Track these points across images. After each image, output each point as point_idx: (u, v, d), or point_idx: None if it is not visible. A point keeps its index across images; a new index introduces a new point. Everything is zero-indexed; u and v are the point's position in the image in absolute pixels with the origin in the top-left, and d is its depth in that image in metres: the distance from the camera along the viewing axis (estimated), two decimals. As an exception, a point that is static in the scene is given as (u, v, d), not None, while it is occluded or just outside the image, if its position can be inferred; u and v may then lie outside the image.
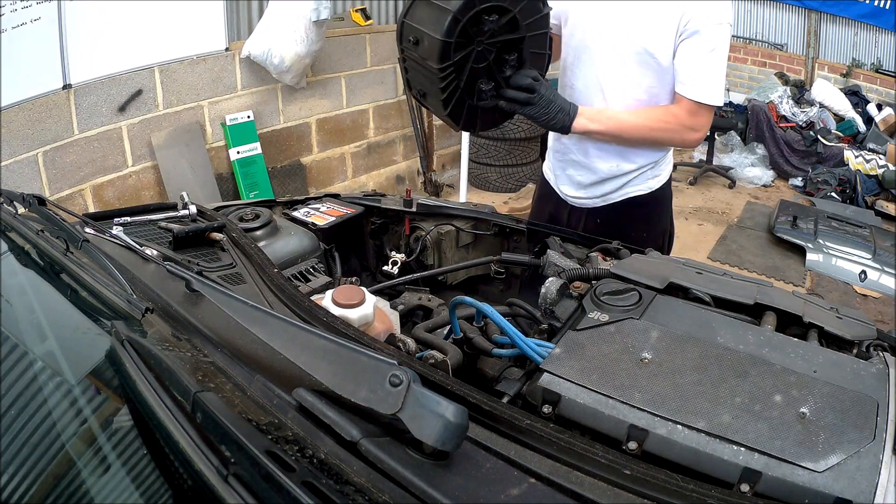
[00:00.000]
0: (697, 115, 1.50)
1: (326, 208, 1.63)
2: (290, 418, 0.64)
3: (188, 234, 1.20)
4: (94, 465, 0.69)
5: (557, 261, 1.30)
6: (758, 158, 5.49)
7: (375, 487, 0.55)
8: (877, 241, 3.91)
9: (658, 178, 1.66)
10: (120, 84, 3.14)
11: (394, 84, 4.55)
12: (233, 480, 0.53)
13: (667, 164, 1.69)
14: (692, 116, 1.50)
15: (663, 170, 1.68)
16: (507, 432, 0.68)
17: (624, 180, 1.64)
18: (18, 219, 1.09)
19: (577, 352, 0.86)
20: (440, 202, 1.79)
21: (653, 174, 1.65)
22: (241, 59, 3.59)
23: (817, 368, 0.83)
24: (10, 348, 0.86)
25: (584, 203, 1.71)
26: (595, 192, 1.68)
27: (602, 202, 1.68)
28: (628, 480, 0.62)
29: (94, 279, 0.88)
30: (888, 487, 0.65)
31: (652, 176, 1.65)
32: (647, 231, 1.67)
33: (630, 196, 1.65)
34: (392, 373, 0.58)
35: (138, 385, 0.66)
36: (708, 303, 1.04)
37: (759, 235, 4.28)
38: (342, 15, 4.23)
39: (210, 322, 0.83)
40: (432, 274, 1.56)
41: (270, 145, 3.87)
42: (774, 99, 5.70)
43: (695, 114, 1.50)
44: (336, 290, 1.00)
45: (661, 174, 1.67)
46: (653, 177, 1.65)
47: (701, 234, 4.31)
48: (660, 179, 1.67)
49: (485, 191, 4.85)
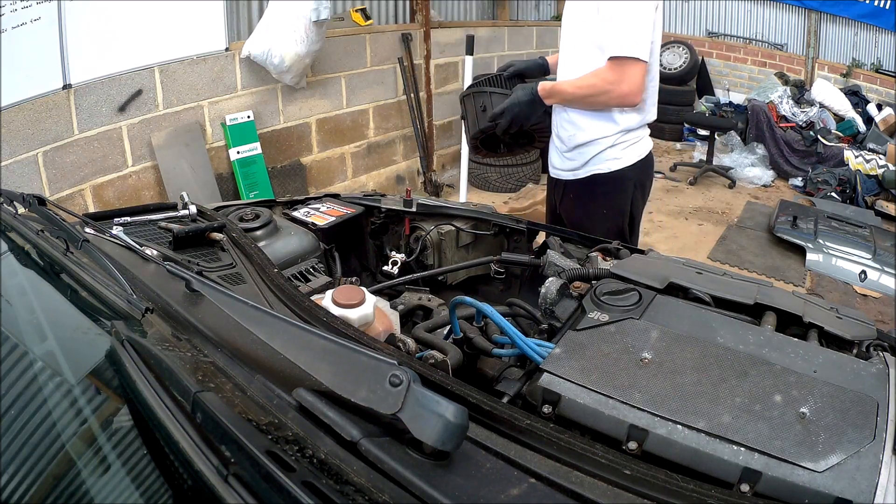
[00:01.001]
0: (618, 70, 1.67)
1: (326, 208, 1.63)
2: (290, 418, 0.63)
3: (188, 234, 1.20)
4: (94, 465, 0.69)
5: (557, 261, 1.30)
6: (758, 158, 5.49)
7: (375, 487, 0.55)
8: (877, 241, 3.91)
9: (618, 161, 1.84)
10: (120, 84, 3.14)
11: (394, 84, 4.55)
12: (233, 480, 0.53)
13: (629, 150, 1.84)
14: (612, 71, 1.68)
15: (624, 154, 1.84)
16: (507, 432, 0.68)
17: (587, 157, 1.85)
18: (18, 219, 1.09)
19: (577, 352, 0.86)
20: (440, 202, 1.79)
21: (613, 155, 1.83)
22: (241, 59, 3.59)
23: (817, 368, 0.83)
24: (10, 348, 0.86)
25: (560, 175, 1.95)
26: (567, 165, 1.91)
27: (572, 176, 1.91)
28: (628, 480, 0.62)
29: (94, 279, 0.88)
30: (888, 487, 0.65)
31: (611, 157, 1.83)
32: (606, 208, 1.88)
33: (592, 173, 1.86)
34: (392, 373, 0.58)
35: (138, 385, 0.66)
36: (708, 303, 1.04)
37: (759, 235, 4.28)
38: (342, 15, 4.23)
39: (210, 322, 0.83)
40: (432, 274, 1.56)
41: (270, 145, 3.87)
42: (774, 99, 5.71)
43: (614, 69, 1.68)
44: (336, 290, 1.00)
45: (622, 158, 1.84)
46: (612, 158, 1.83)
47: (701, 234, 4.32)
48: (620, 162, 1.84)
49: (485, 191, 4.85)
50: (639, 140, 1.85)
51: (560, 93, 1.79)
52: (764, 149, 5.52)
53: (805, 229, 4.04)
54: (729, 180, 5.25)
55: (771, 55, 6.27)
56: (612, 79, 1.68)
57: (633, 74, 1.67)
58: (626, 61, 1.65)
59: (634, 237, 1.99)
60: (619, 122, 1.79)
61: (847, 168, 5.09)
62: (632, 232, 1.95)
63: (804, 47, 6.06)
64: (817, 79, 5.92)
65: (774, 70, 6.21)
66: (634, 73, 1.67)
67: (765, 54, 6.29)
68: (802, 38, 6.07)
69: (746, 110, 5.73)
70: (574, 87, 1.77)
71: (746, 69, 6.42)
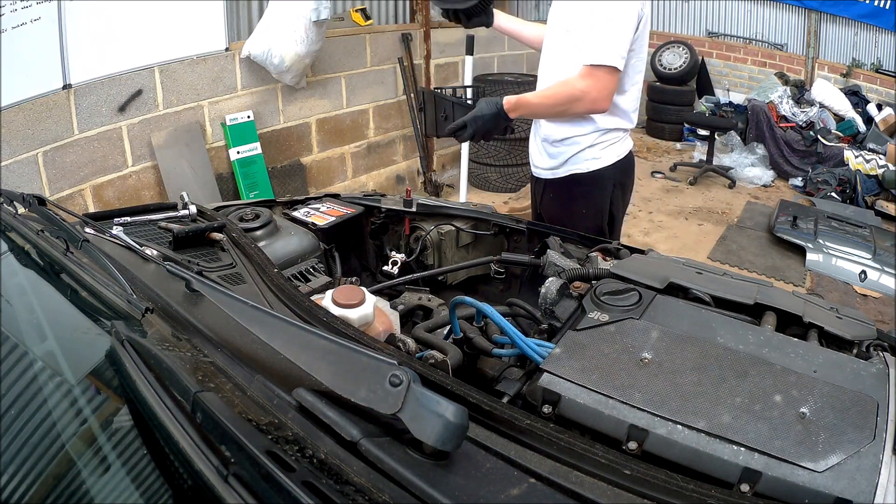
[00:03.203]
0: (589, 77, 1.64)
1: (326, 208, 1.63)
2: (290, 418, 0.63)
3: (188, 234, 1.20)
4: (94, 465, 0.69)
5: (557, 261, 1.30)
6: (758, 158, 5.49)
7: (375, 487, 0.55)
8: (877, 241, 3.91)
9: (597, 161, 1.82)
10: (120, 84, 3.14)
11: (394, 84, 4.55)
12: (233, 480, 0.53)
13: (607, 150, 1.82)
14: (584, 78, 1.65)
15: (603, 153, 1.82)
16: (507, 432, 0.68)
17: (564, 157, 1.83)
18: (18, 219, 1.09)
19: (577, 352, 0.86)
20: (440, 202, 1.79)
21: (591, 155, 1.81)
22: (241, 59, 3.59)
23: (817, 368, 0.83)
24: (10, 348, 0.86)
25: (540, 174, 1.94)
26: (545, 164, 1.89)
27: (552, 175, 1.89)
28: (628, 480, 0.62)
29: (94, 279, 0.88)
30: (888, 487, 0.65)
31: (590, 157, 1.82)
32: (585, 208, 1.87)
33: (571, 173, 1.85)
34: (392, 373, 0.58)
35: (138, 385, 0.66)
36: (708, 303, 1.04)
37: (759, 235, 4.28)
38: (342, 15, 4.23)
39: (210, 322, 0.83)
40: (432, 274, 1.56)
41: (270, 145, 3.87)
42: (774, 99, 5.70)
43: (587, 76, 1.65)
44: (336, 290, 1.00)
45: (601, 158, 1.82)
46: (591, 158, 1.82)
47: (701, 234, 4.31)
48: (599, 162, 1.82)
49: (485, 191, 4.85)
50: (618, 140, 1.83)
51: (526, 105, 1.74)
52: (764, 149, 5.52)
53: (805, 229, 4.04)
54: (729, 180, 5.25)
55: (771, 55, 6.26)
56: (583, 87, 1.65)
57: (606, 82, 1.64)
58: (600, 69, 1.63)
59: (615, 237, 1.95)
60: (598, 121, 1.77)
61: (847, 168, 5.08)
62: (612, 231, 1.93)
63: (804, 47, 6.06)
64: (817, 79, 5.91)
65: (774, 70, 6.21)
66: (607, 81, 1.64)
67: (765, 54, 6.29)
68: (802, 38, 6.07)
69: (746, 110, 5.73)
70: (541, 99, 1.74)
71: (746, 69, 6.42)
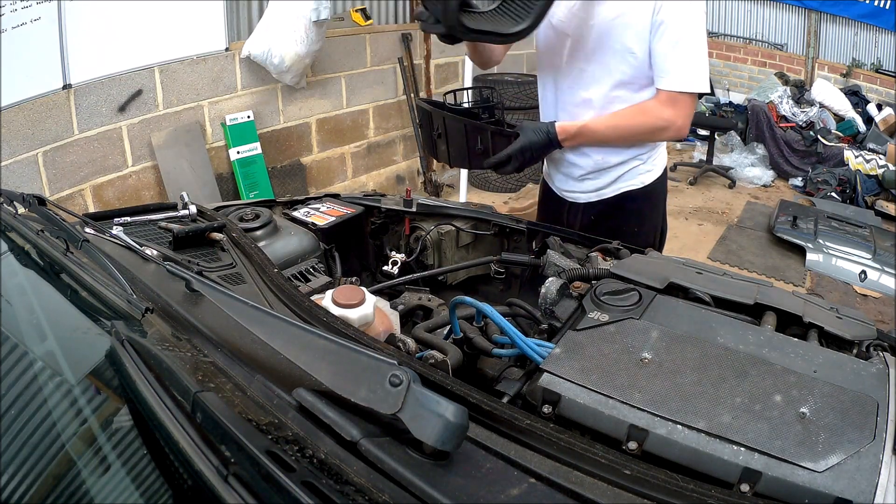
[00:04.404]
0: (674, 105, 1.50)
1: (326, 208, 1.63)
2: (290, 418, 0.63)
3: (188, 234, 1.20)
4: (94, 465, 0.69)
5: (557, 261, 1.30)
6: (758, 158, 5.49)
7: (375, 487, 0.55)
8: (877, 241, 3.91)
9: (650, 173, 1.67)
10: (120, 84, 3.14)
11: (394, 84, 4.55)
12: (233, 480, 0.53)
13: (659, 159, 1.69)
14: (668, 107, 1.50)
15: (655, 164, 1.68)
16: (507, 432, 0.68)
17: (615, 175, 1.65)
18: (18, 219, 1.09)
19: (577, 352, 0.86)
20: (440, 202, 1.79)
21: (645, 169, 1.66)
22: (241, 59, 3.59)
23: (817, 368, 0.83)
24: (10, 348, 0.86)
25: (578, 198, 1.74)
26: (587, 187, 1.70)
27: (596, 197, 1.70)
28: (628, 480, 0.62)
29: (94, 279, 0.88)
30: (888, 487, 0.65)
31: (644, 171, 1.66)
32: (639, 227, 1.69)
33: (622, 191, 1.67)
34: (392, 373, 0.58)
35: (138, 385, 0.66)
36: (708, 303, 1.04)
37: (759, 235, 4.28)
38: (342, 15, 4.23)
39: (210, 322, 0.83)
40: (432, 274, 1.56)
41: (270, 145, 3.87)
42: (774, 99, 5.71)
43: (670, 104, 1.50)
44: (336, 290, 0.99)
45: (654, 169, 1.68)
46: (644, 171, 1.66)
47: (701, 234, 4.31)
48: (652, 174, 1.67)
49: (485, 191, 4.85)
50: (661, 146, 1.69)
51: (590, 133, 1.55)
52: (764, 149, 5.52)
53: (805, 229, 4.04)
54: (729, 180, 5.25)
55: (771, 55, 6.27)
56: (668, 116, 1.50)
57: (688, 110, 1.51)
58: (686, 95, 1.49)
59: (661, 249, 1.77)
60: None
61: (847, 168, 5.09)
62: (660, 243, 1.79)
63: (804, 47, 6.07)
64: (817, 79, 5.92)
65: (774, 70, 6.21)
66: (688, 109, 1.51)
67: (765, 54, 6.30)
68: (802, 38, 6.07)
69: (746, 110, 5.74)
70: (611, 128, 1.55)
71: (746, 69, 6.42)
